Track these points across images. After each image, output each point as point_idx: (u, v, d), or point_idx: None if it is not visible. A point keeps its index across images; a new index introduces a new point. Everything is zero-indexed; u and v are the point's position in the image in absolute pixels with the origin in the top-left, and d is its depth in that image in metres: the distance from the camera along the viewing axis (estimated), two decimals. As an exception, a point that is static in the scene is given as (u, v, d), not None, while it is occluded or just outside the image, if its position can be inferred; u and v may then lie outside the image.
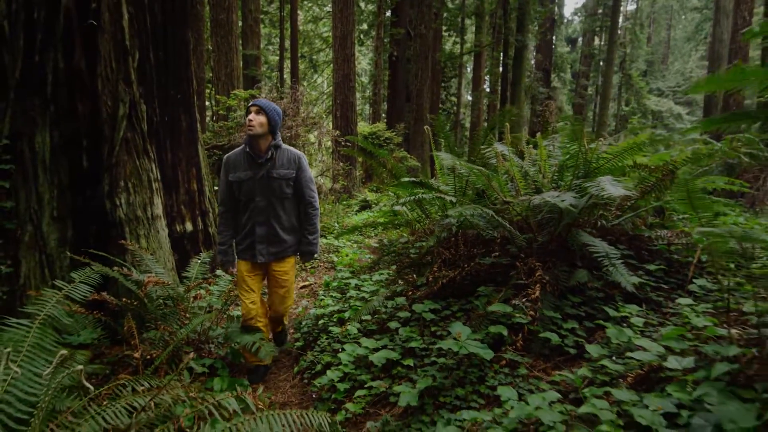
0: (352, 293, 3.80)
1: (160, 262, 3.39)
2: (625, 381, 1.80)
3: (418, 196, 3.01)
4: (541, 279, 2.46)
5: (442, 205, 3.51)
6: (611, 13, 20.43)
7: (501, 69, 17.58)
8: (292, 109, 9.15)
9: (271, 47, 22.03)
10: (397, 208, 4.24)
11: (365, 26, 19.42)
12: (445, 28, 19.41)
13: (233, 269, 2.99)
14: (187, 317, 2.94)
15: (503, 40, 16.69)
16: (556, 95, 23.19)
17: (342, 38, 12.21)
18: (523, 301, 2.42)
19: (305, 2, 20.27)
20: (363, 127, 14.44)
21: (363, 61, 26.45)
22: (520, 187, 3.08)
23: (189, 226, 4.30)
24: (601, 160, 2.97)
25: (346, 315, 3.31)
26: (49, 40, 3.12)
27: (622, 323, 2.26)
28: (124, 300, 2.72)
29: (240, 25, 13.45)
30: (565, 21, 31.01)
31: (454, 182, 3.57)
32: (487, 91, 20.71)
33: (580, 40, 30.53)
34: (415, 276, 3.33)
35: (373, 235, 7.04)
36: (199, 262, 3.49)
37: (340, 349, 2.80)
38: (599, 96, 22.50)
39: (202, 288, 3.57)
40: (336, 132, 10.90)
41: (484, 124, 18.87)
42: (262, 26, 16.82)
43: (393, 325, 2.79)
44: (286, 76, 16.79)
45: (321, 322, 3.34)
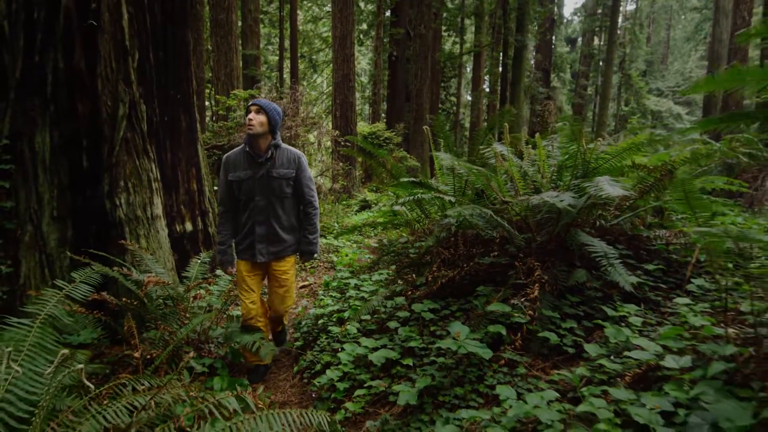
0: (352, 293, 3.80)
1: (160, 262, 3.40)
2: (623, 380, 1.81)
3: (418, 196, 3.01)
4: (540, 279, 2.47)
5: (441, 205, 3.51)
6: (611, 13, 20.44)
7: (500, 69, 17.59)
8: (292, 109, 9.16)
9: (270, 47, 22.03)
10: (396, 208, 4.25)
11: (365, 26, 19.42)
12: (444, 28, 19.42)
13: (232, 269, 2.99)
14: (187, 317, 2.94)
15: (503, 40, 16.70)
16: (556, 95, 23.19)
17: (341, 38, 12.21)
18: (522, 300, 2.43)
19: (305, 2, 20.27)
20: (362, 127, 14.45)
21: (363, 61, 26.45)
22: (519, 187, 3.09)
23: (189, 226, 4.30)
24: (600, 160, 2.98)
25: (346, 315, 3.32)
26: (49, 40, 3.12)
27: (621, 323, 2.27)
28: (124, 300, 2.72)
29: (239, 25, 13.45)
30: (565, 21, 31.04)
31: (453, 182, 3.58)
32: (487, 91, 20.71)
33: (580, 40, 30.55)
34: (415, 276, 3.34)
35: (373, 235, 7.04)
36: (199, 262, 3.50)
37: (340, 349, 2.81)
38: (599, 96, 22.52)
39: (202, 288, 3.58)
40: (335, 132, 10.90)
41: (484, 124, 18.86)
42: (261, 26, 16.82)
43: (392, 325, 2.80)
44: (286, 76, 16.79)
45: (320, 322, 3.35)
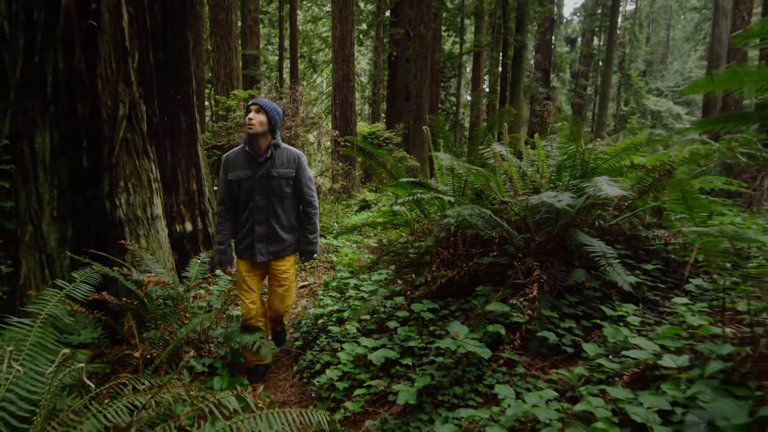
0: (351, 293, 3.81)
1: (160, 262, 3.41)
2: (621, 379, 1.82)
3: (417, 196, 3.02)
4: (539, 278, 2.47)
5: (440, 205, 3.52)
6: (610, 13, 20.46)
7: (500, 69, 17.61)
8: (292, 109, 9.16)
9: (270, 47, 22.03)
10: (396, 208, 4.25)
11: (364, 26, 19.41)
12: (444, 28, 19.41)
13: (231, 269, 2.99)
14: (186, 317, 2.95)
15: (502, 40, 16.71)
16: (555, 95, 23.21)
17: (341, 38, 12.22)
18: (521, 300, 2.43)
19: (304, 2, 20.27)
20: (362, 127, 14.45)
21: (362, 61, 26.44)
22: (518, 188, 3.09)
23: (189, 226, 4.31)
24: (599, 161, 2.98)
25: (345, 314, 3.32)
26: (49, 41, 3.13)
27: (619, 322, 2.28)
28: (124, 300, 2.73)
29: (239, 25, 13.45)
30: (564, 21, 31.06)
31: (452, 182, 3.58)
32: (487, 91, 20.71)
33: (579, 40, 30.55)
34: (414, 276, 3.35)
35: (372, 235, 7.05)
36: (199, 262, 3.51)
37: (339, 349, 2.82)
38: (598, 96, 22.54)
39: (202, 288, 3.59)
40: (335, 132, 10.91)
41: (483, 124, 18.85)
42: (261, 26, 16.83)
43: (392, 325, 2.81)
44: (286, 76, 16.79)
45: (320, 322, 3.35)
